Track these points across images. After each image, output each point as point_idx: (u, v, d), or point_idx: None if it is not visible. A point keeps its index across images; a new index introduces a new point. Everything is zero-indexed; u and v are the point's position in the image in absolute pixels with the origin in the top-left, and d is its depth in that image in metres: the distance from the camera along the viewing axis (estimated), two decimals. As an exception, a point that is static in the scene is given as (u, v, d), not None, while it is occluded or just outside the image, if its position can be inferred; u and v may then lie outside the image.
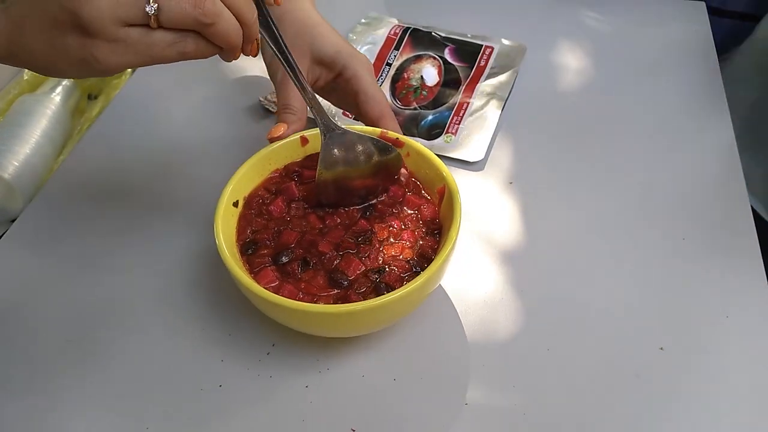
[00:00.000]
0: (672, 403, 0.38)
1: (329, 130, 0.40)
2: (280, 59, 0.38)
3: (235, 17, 0.32)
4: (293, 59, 0.38)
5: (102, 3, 0.28)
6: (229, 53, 0.33)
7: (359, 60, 0.45)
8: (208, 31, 0.31)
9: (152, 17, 0.29)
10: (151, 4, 0.29)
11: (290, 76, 0.39)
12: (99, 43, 0.29)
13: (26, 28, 0.30)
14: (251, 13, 0.33)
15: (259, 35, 0.35)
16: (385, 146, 0.41)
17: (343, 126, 0.41)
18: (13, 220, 0.50)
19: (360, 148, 0.41)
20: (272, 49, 0.38)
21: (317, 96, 0.42)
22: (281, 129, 0.42)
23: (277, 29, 0.37)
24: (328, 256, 0.38)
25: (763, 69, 0.60)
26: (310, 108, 0.40)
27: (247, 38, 0.33)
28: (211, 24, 0.30)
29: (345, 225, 0.40)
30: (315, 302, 0.36)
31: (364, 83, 0.44)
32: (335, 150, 0.40)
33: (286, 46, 0.38)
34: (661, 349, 0.40)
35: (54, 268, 0.46)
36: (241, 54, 0.35)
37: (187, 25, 0.30)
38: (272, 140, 0.43)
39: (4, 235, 0.49)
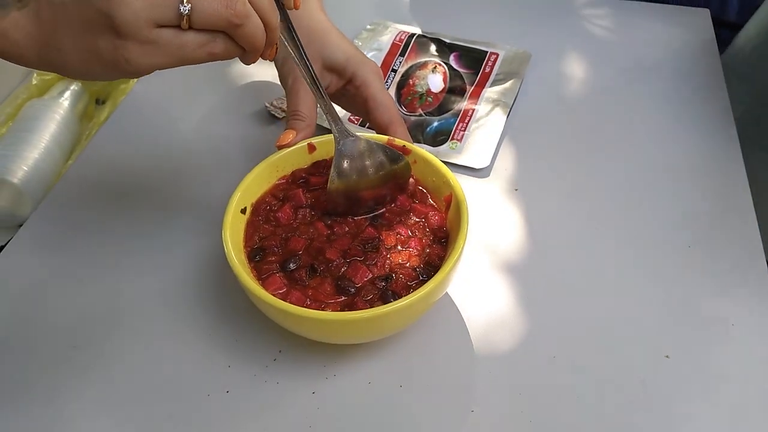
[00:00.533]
0: (677, 411, 0.38)
1: (344, 137, 0.40)
2: (298, 65, 0.38)
3: (261, 20, 0.32)
4: (311, 65, 0.39)
5: (136, 5, 0.29)
6: (250, 56, 0.34)
7: (369, 67, 0.45)
8: (237, 32, 0.31)
9: (185, 18, 0.30)
10: (185, 5, 0.29)
11: (308, 82, 0.39)
12: (131, 44, 0.29)
13: (58, 32, 0.31)
14: (275, 17, 0.33)
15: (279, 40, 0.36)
16: (395, 155, 0.41)
17: (356, 133, 0.41)
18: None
19: (371, 156, 0.41)
20: (292, 54, 0.38)
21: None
22: (290, 136, 0.43)
23: (296, 34, 0.38)
24: (335, 263, 0.38)
25: (744, 79, 0.60)
26: (326, 114, 0.40)
27: (269, 42, 0.34)
28: (241, 25, 0.31)
29: (352, 233, 0.41)
30: (322, 309, 0.36)
31: (373, 90, 0.45)
32: (348, 158, 0.41)
33: (305, 52, 0.38)
34: (667, 356, 0.40)
35: (60, 273, 0.46)
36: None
37: (218, 25, 0.31)
38: (281, 147, 0.43)
39: (12, 240, 0.49)
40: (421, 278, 0.38)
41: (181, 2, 0.29)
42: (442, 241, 0.40)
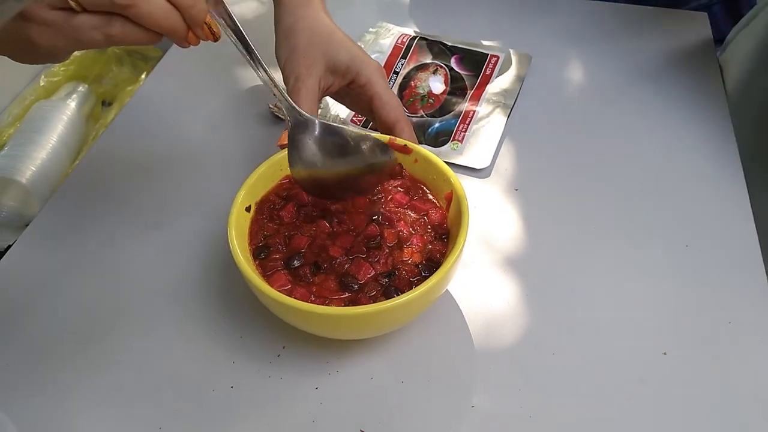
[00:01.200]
0: (675, 408, 0.38)
1: (293, 117, 0.40)
2: (237, 46, 0.37)
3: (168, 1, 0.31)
4: (252, 45, 0.38)
5: None
6: (172, 38, 0.33)
7: (372, 66, 0.46)
8: (129, 13, 0.31)
9: (71, 0, 0.30)
10: None
11: (249, 62, 0.38)
12: (32, 26, 0.30)
13: None
14: None
15: (213, 19, 0.34)
16: (360, 137, 0.40)
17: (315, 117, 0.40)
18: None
19: (331, 138, 0.40)
20: (229, 36, 0.37)
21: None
22: None
23: (231, 14, 0.36)
24: (338, 260, 0.39)
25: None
26: (273, 94, 0.40)
27: (191, 21, 0.32)
28: (130, 5, 0.30)
29: (355, 231, 0.41)
30: (326, 305, 0.37)
31: (378, 89, 0.45)
32: (304, 140, 0.40)
33: (243, 32, 0.37)
34: (665, 354, 0.40)
35: (67, 270, 0.47)
36: (207, 40, 0.34)
37: (105, 7, 0.30)
38: (282, 147, 0.43)
39: (19, 239, 0.50)
40: (423, 274, 0.38)
41: None
42: (443, 238, 0.41)
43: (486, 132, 0.55)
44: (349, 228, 0.41)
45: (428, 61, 0.61)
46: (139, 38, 0.32)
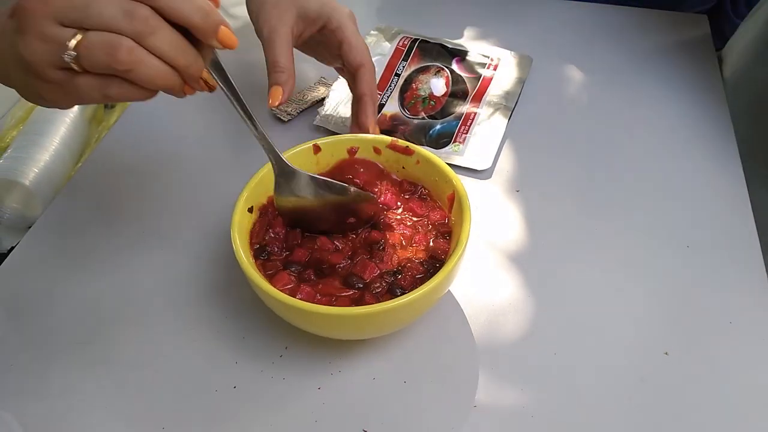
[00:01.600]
0: (676, 407, 0.38)
1: (281, 170, 0.40)
2: (231, 101, 0.37)
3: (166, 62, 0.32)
4: (244, 101, 0.38)
5: (37, 48, 0.31)
6: (169, 93, 0.33)
7: (343, 12, 0.47)
8: (128, 77, 0.31)
9: (73, 63, 0.31)
10: (69, 52, 0.30)
11: (241, 116, 0.38)
12: (39, 82, 0.32)
13: (6, 64, 0.34)
14: (182, 58, 0.32)
15: (209, 73, 0.35)
16: (341, 188, 0.41)
17: (296, 167, 0.41)
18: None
19: (312, 189, 0.41)
20: (223, 89, 0.37)
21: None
22: (279, 93, 0.43)
23: (224, 70, 0.37)
24: (342, 265, 0.39)
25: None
26: (262, 146, 0.39)
27: (189, 79, 0.33)
28: (129, 70, 0.31)
29: (356, 244, 0.41)
30: (333, 302, 0.37)
31: (348, 33, 0.46)
32: (288, 190, 0.41)
33: (236, 87, 0.37)
34: (666, 354, 0.41)
35: (69, 272, 0.47)
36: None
37: (105, 70, 0.31)
38: (274, 106, 0.44)
39: (22, 240, 0.50)
40: (427, 270, 0.39)
41: (67, 49, 0.30)
42: (445, 236, 0.41)
43: (487, 133, 0.55)
44: (350, 245, 0.41)
45: (429, 63, 0.61)
46: (136, 96, 0.33)
